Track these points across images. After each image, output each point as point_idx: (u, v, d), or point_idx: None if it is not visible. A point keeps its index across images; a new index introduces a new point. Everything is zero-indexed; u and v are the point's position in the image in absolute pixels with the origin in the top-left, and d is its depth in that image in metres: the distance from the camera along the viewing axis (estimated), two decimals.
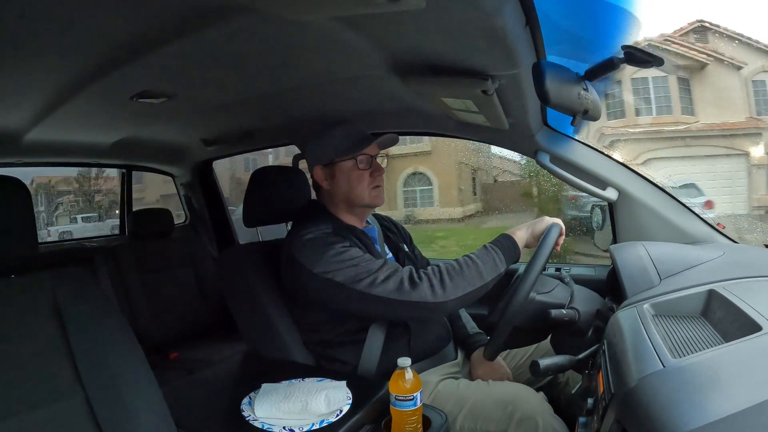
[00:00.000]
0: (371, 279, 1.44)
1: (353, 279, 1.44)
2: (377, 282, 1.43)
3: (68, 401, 0.97)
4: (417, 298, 1.40)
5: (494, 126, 1.74)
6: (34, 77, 1.56)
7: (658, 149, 8.80)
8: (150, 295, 2.89)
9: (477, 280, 1.45)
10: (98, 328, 1.05)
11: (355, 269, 1.46)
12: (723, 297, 1.04)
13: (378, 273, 1.45)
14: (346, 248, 1.51)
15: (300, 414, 1.26)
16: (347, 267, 1.46)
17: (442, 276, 1.43)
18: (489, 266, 1.47)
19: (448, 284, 1.42)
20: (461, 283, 1.43)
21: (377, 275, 1.44)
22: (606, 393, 0.93)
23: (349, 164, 1.65)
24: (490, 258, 1.49)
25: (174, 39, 1.30)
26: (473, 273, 1.45)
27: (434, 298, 1.40)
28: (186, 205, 3.74)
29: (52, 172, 8.19)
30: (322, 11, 1.06)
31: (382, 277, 1.44)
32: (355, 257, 1.49)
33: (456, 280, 1.43)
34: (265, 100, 1.98)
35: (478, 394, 1.52)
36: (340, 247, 1.50)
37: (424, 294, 1.40)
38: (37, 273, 1.08)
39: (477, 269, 1.46)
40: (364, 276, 1.44)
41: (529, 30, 1.15)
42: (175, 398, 1.19)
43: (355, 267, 1.46)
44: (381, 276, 1.44)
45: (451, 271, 1.45)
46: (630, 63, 1.23)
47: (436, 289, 1.41)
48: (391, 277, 1.44)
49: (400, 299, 1.41)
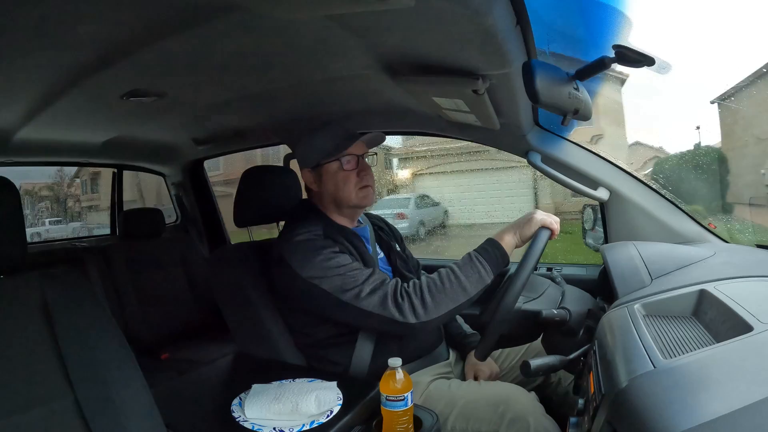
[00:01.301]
0: (357, 291, 1.44)
1: (339, 288, 1.45)
2: (362, 295, 1.43)
3: (58, 402, 0.96)
4: (399, 317, 1.41)
5: (485, 126, 1.74)
6: (23, 76, 1.55)
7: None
8: (140, 296, 2.88)
9: (460, 296, 1.43)
10: (88, 328, 1.05)
11: (342, 279, 1.46)
12: (714, 297, 1.04)
13: (364, 285, 1.45)
14: (335, 254, 1.51)
15: (290, 415, 1.26)
16: (334, 275, 1.46)
17: (423, 295, 1.42)
18: (473, 279, 1.45)
19: (429, 304, 1.41)
20: (443, 301, 1.42)
21: (363, 287, 1.44)
22: (597, 393, 0.93)
23: (335, 165, 1.65)
24: (474, 271, 1.46)
25: (165, 38, 1.29)
26: (456, 289, 1.43)
27: (416, 318, 1.40)
28: (177, 204, 3.73)
29: (37, 179, 8.34)
30: (313, 10, 1.06)
31: (368, 290, 1.44)
32: (343, 265, 1.48)
33: (438, 298, 1.42)
34: (257, 100, 1.97)
35: (469, 394, 1.52)
36: (329, 252, 1.50)
37: (406, 315, 1.40)
38: (26, 273, 1.07)
39: (460, 284, 1.44)
40: (350, 287, 1.44)
41: (519, 29, 1.15)
42: (166, 399, 1.18)
43: (342, 276, 1.46)
44: (367, 289, 1.44)
45: (432, 288, 1.43)
46: (621, 62, 1.23)
47: (417, 310, 1.41)
48: (377, 291, 1.44)
49: (384, 315, 1.42)
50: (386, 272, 1.71)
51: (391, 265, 1.78)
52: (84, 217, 9.07)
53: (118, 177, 3.58)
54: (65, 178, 8.76)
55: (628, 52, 1.19)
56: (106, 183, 3.84)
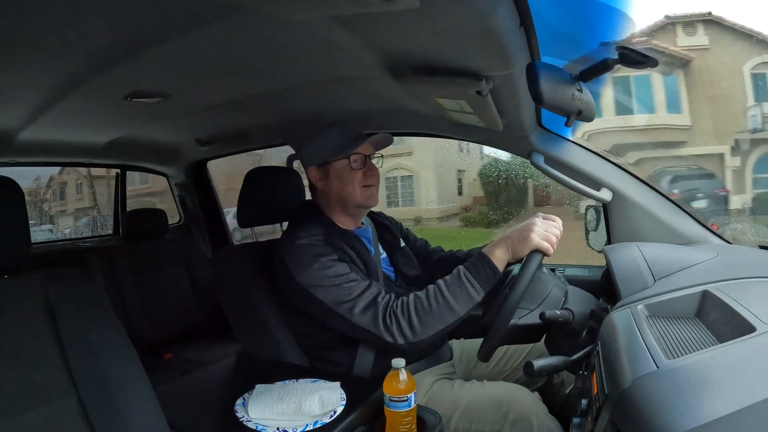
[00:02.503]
0: (350, 305, 1.45)
1: (333, 301, 1.46)
2: (356, 310, 1.44)
3: (61, 402, 0.97)
4: (388, 338, 1.41)
5: (488, 127, 1.74)
6: (27, 76, 1.55)
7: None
8: (144, 296, 2.89)
9: (448, 317, 1.42)
10: (91, 328, 1.05)
11: (337, 290, 1.46)
12: (717, 298, 1.04)
13: (358, 300, 1.45)
14: (333, 263, 1.51)
15: (294, 415, 1.26)
16: (330, 286, 1.47)
17: (411, 317, 1.41)
18: (462, 299, 1.43)
19: (417, 326, 1.41)
20: (431, 323, 1.41)
21: (356, 302, 1.45)
22: (600, 394, 0.93)
23: (343, 164, 1.65)
24: (463, 291, 1.43)
25: (168, 39, 1.29)
26: (443, 310, 1.42)
27: (404, 340, 1.41)
28: (180, 205, 3.73)
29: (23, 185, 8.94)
30: (316, 11, 1.06)
31: (362, 305, 1.44)
32: (341, 275, 1.49)
33: (425, 320, 1.41)
34: (260, 101, 1.97)
35: (472, 394, 1.52)
36: (327, 260, 1.50)
37: (395, 336, 1.41)
38: (30, 273, 1.08)
39: (448, 305, 1.42)
40: (345, 299, 1.45)
41: (523, 30, 1.15)
42: (169, 399, 1.18)
43: (338, 288, 1.47)
44: (360, 304, 1.44)
45: (419, 310, 1.42)
46: (624, 64, 1.23)
47: (405, 332, 1.41)
48: (369, 309, 1.44)
49: (374, 332, 1.43)
50: (388, 273, 1.72)
51: (393, 266, 1.78)
52: (55, 220, 9.65)
53: (121, 178, 3.59)
54: (41, 186, 9.47)
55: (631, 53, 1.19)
56: (71, 191, 3.96)
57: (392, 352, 1.37)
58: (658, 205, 1.71)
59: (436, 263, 1.93)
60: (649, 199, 1.72)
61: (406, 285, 1.73)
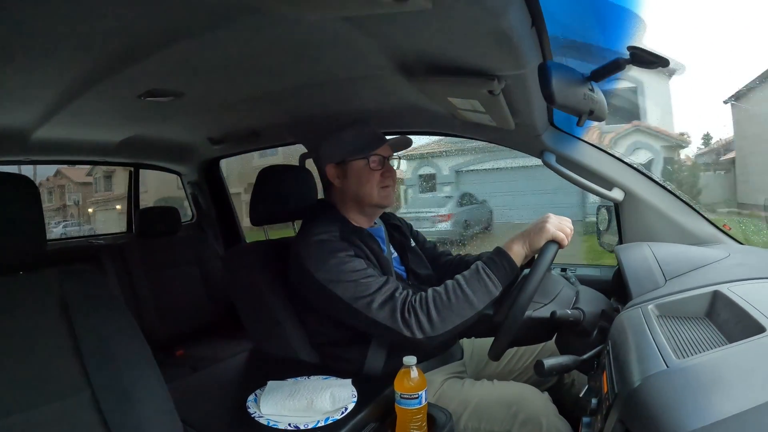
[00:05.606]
0: (368, 300, 1.44)
1: (351, 296, 1.45)
2: (374, 305, 1.43)
3: (75, 397, 0.98)
4: (407, 332, 1.40)
5: (500, 126, 1.74)
6: (42, 75, 1.57)
7: None
8: (156, 293, 2.91)
9: (467, 311, 1.41)
10: (105, 324, 1.07)
11: (355, 286, 1.46)
12: (728, 298, 1.04)
13: (375, 295, 1.44)
14: (350, 258, 1.51)
15: (305, 411, 1.27)
16: (348, 281, 1.47)
17: (430, 311, 1.40)
18: (480, 293, 1.43)
19: (435, 320, 1.40)
20: (450, 317, 1.40)
21: (374, 297, 1.44)
22: (610, 393, 0.93)
23: (361, 163, 1.66)
24: (482, 284, 1.43)
25: (181, 38, 1.30)
26: (462, 304, 1.41)
27: (422, 334, 1.39)
28: (193, 203, 3.76)
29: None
30: (329, 11, 1.06)
31: (379, 300, 1.44)
32: (357, 270, 1.49)
33: (444, 314, 1.40)
34: (272, 99, 1.98)
35: (482, 393, 1.53)
36: (344, 255, 1.50)
37: (414, 330, 1.40)
38: (45, 270, 1.09)
39: (467, 299, 1.41)
40: (363, 295, 1.45)
41: (535, 30, 1.15)
42: (181, 395, 1.20)
43: (355, 283, 1.46)
44: (378, 299, 1.44)
45: (438, 304, 1.41)
46: (635, 64, 1.22)
47: (424, 326, 1.39)
48: (387, 303, 1.43)
49: (392, 328, 1.41)
50: (400, 272, 1.73)
51: (404, 265, 1.79)
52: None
53: (134, 176, 3.62)
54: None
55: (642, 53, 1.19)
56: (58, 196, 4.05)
57: (408, 348, 1.38)
58: (670, 205, 1.70)
59: (444, 266, 1.94)
60: (661, 199, 1.71)
61: (418, 284, 1.73)
